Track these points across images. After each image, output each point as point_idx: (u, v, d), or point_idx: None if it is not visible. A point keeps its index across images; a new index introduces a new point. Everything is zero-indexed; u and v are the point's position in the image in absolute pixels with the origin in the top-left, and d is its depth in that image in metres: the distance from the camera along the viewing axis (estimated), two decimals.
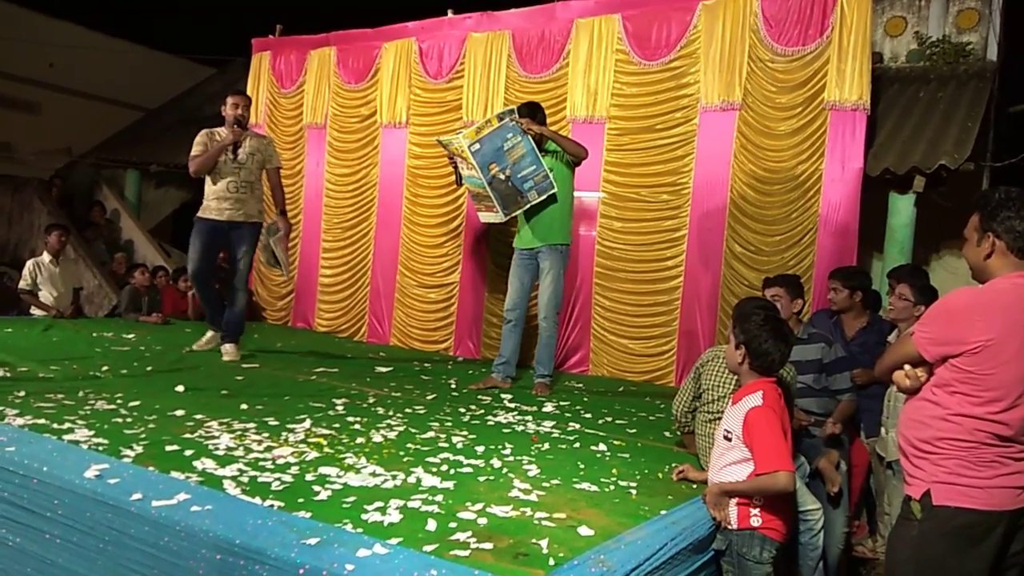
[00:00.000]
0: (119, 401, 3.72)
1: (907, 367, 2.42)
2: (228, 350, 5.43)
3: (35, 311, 6.73)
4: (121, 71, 12.60)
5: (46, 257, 6.88)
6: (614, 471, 3.17)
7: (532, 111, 5.02)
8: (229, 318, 5.51)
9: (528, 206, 4.91)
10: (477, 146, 4.85)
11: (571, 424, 4.06)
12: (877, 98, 5.71)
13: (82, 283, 7.10)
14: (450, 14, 6.99)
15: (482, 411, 4.24)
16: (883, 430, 4.00)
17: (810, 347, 3.82)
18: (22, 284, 6.71)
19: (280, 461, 2.92)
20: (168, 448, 2.98)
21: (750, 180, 5.58)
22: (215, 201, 5.38)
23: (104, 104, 12.56)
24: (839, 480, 3.66)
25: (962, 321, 2.27)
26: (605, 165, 6.09)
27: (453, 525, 2.36)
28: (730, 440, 2.64)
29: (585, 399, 4.90)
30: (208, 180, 5.41)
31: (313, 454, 3.06)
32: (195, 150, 5.37)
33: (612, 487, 2.96)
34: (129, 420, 3.38)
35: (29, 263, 6.83)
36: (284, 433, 3.36)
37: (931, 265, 6.93)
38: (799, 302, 3.94)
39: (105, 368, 4.63)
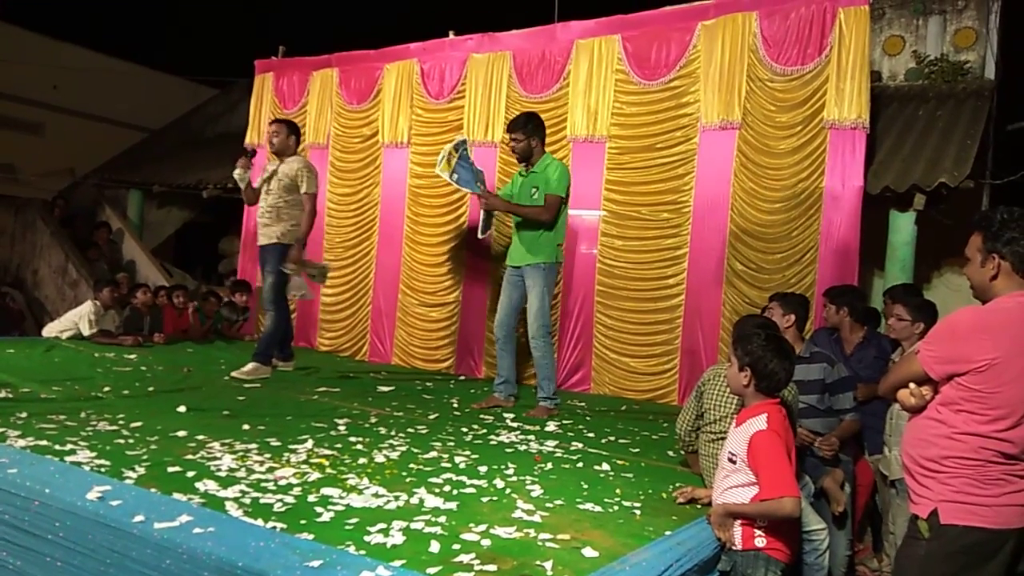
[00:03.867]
0: (121, 422, 3.71)
1: (912, 386, 2.42)
2: (244, 368, 5.43)
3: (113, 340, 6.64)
4: (124, 92, 12.71)
5: (100, 308, 6.86)
6: (618, 491, 3.16)
7: (527, 120, 5.01)
8: (259, 338, 5.82)
9: (488, 230, 5.24)
10: (456, 175, 5.15)
11: (574, 443, 4.05)
12: (876, 116, 5.75)
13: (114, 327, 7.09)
14: (451, 35, 7.05)
15: (484, 431, 4.23)
16: (886, 449, 3.99)
17: (812, 367, 3.82)
18: (90, 331, 6.60)
19: (282, 482, 2.91)
20: (170, 469, 2.97)
21: (750, 199, 5.59)
22: (257, 226, 5.77)
23: (107, 125, 12.66)
24: (844, 499, 3.64)
25: (968, 340, 2.27)
26: (606, 184, 6.11)
27: (456, 547, 2.35)
28: (735, 463, 2.62)
29: (587, 418, 4.89)
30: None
31: (315, 475, 3.05)
32: None
33: (616, 507, 2.94)
34: (131, 441, 3.37)
35: (88, 312, 6.69)
36: (286, 454, 3.35)
37: (932, 282, 6.93)
38: (790, 317, 3.93)
39: (107, 389, 4.62)
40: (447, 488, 3.01)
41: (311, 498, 2.74)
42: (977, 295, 2.44)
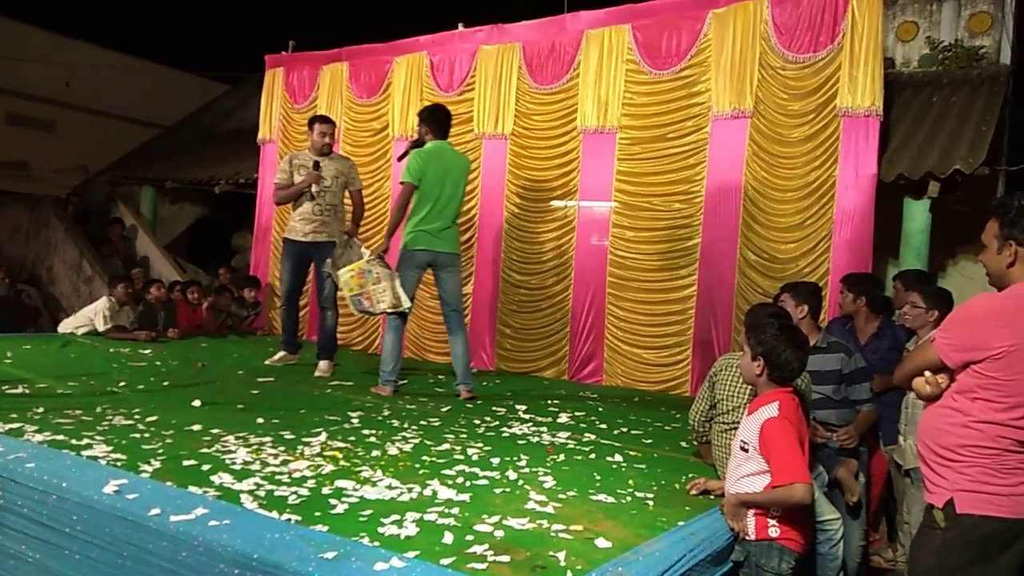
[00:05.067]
0: (136, 416, 3.74)
1: (927, 374, 2.40)
2: (322, 367, 5.61)
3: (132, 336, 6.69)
4: (136, 89, 12.77)
5: (115, 303, 6.91)
6: (630, 482, 3.16)
7: (424, 111, 5.19)
8: (321, 336, 5.77)
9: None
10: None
11: (586, 435, 4.05)
12: (890, 104, 5.68)
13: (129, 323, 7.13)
14: (460, 27, 7.04)
15: (497, 423, 4.24)
16: (901, 438, 3.96)
17: (830, 357, 3.78)
18: (105, 326, 6.65)
19: (296, 475, 2.93)
20: (185, 463, 2.99)
21: (763, 188, 5.56)
22: (300, 223, 5.66)
23: (119, 122, 12.73)
24: (858, 490, 3.62)
25: (985, 327, 2.25)
26: (617, 175, 6.09)
27: (470, 538, 2.36)
28: (747, 451, 2.61)
29: (600, 409, 4.89)
30: (293, 201, 5.73)
31: (329, 467, 3.06)
32: (278, 177, 5.70)
33: (629, 498, 2.94)
34: (147, 435, 3.40)
35: (103, 308, 6.75)
36: (300, 447, 3.37)
37: (947, 270, 6.87)
38: (803, 307, 3.88)
39: (122, 384, 4.66)
40: (460, 480, 3.01)
41: (325, 490, 2.76)
42: (993, 282, 2.41)
